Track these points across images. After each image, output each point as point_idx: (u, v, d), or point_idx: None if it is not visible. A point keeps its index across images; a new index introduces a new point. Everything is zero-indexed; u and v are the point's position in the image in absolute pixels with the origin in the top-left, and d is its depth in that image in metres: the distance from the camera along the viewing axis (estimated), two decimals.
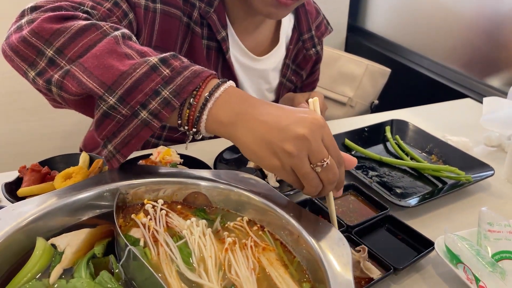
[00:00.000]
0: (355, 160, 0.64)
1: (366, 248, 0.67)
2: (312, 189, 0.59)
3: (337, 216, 0.75)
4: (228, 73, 1.00)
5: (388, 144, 1.09)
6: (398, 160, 0.99)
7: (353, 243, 0.71)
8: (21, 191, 0.73)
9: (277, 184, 0.88)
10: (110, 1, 0.78)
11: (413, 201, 0.86)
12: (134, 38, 0.68)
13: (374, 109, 1.88)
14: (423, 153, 1.06)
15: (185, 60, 0.63)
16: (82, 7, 0.72)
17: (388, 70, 1.86)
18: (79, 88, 0.60)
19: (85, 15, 0.69)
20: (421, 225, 0.79)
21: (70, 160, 0.82)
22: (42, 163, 0.80)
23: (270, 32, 1.08)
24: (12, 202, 0.70)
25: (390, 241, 0.75)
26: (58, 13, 0.66)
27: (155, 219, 0.62)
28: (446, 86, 1.68)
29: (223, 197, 0.66)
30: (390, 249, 0.73)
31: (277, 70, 1.11)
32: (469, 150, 1.05)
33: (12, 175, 0.78)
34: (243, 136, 0.59)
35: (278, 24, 1.08)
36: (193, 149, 0.96)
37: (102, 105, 0.59)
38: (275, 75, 1.11)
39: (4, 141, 1.60)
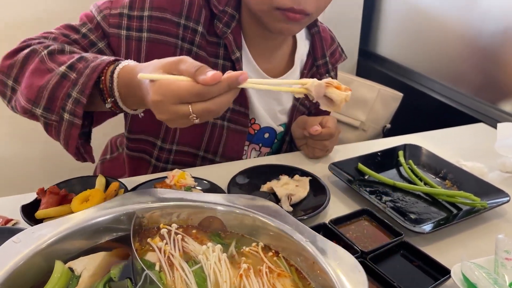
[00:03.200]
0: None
1: None
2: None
3: (351, 242, 0.75)
4: (240, 94, 1.01)
5: (401, 168, 1.08)
6: (412, 185, 0.98)
7: (368, 270, 0.70)
8: (38, 213, 0.74)
9: (291, 209, 0.88)
10: (78, 33, 0.90)
11: (427, 227, 0.85)
12: (67, 49, 0.80)
13: (386, 133, 1.88)
14: (436, 178, 1.05)
15: (90, 58, 0.74)
16: (45, 39, 0.85)
17: (400, 95, 1.86)
18: (20, 108, 0.76)
19: (38, 41, 0.83)
20: (436, 251, 0.79)
21: (87, 182, 0.83)
22: (60, 185, 0.81)
23: (286, 56, 1.09)
24: (30, 224, 0.71)
25: (405, 268, 0.74)
26: (12, 49, 0.82)
27: (171, 243, 0.62)
28: (458, 111, 1.68)
29: (238, 222, 0.66)
30: (406, 276, 0.72)
31: (291, 94, 1.12)
32: (484, 175, 1.05)
33: (30, 197, 0.80)
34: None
35: (294, 48, 1.10)
36: (207, 173, 0.97)
37: (38, 117, 0.75)
38: (288, 98, 1.12)
39: (21, 161, 1.63)
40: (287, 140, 1.17)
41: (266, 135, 1.13)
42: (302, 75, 1.11)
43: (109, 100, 0.72)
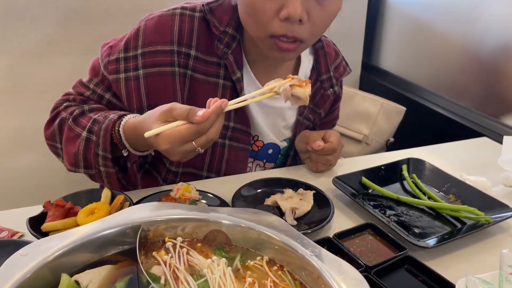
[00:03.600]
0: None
1: None
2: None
3: (355, 256, 0.75)
4: (240, 112, 1.03)
5: (405, 182, 1.09)
6: (416, 200, 0.99)
7: (373, 284, 0.70)
8: (45, 226, 0.74)
9: (295, 222, 0.88)
10: (89, 90, 1.00)
11: (432, 241, 0.85)
12: (86, 109, 0.96)
13: (389, 146, 1.89)
14: (440, 193, 1.05)
15: (101, 119, 0.89)
16: (68, 101, 1.00)
17: (403, 108, 1.87)
18: (67, 168, 0.94)
19: (64, 106, 0.98)
20: (440, 266, 0.79)
21: (92, 195, 0.84)
22: (66, 198, 0.82)
23: (289, 72, 1.10)
24: (36, 237, 0.71)
25: (410, 282, 0.74)
26: (47, 119, 1.01)
27: (176, 256, 0.62)
28: (462, 125, 1.69)
29: (243, 236, 0.67)
30: None
31: (294, 108, 1.13)
32: (487, 190, 1.05)
33: (36, 210, 0.80)
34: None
35: (297, 64, 1.11)
36: (211, 186, 0.97)
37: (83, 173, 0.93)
38: (292, 113, 1.13)
39: (27, 174, 1.63)
40: (291, 155, 1.18)
41: (270, 151, 1.14)
42: None
43: (123, 150, 0.87)
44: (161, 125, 0.73)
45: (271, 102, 1.07)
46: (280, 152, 1.15)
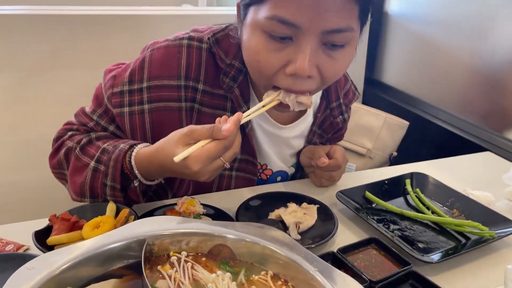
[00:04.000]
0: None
1: None
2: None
3: (359, 271, 0.75)
4: (247, 143, 1.01)
5: (408, 197, 1.09)
6: (420, 214, 0.99)
7: None
8: (50, 240, 0.75)
9: (299, 237, 0.88)
10: (92, 121, 0.98)
11: (436, 256, 0.85)
12: (93, 137, 0.94)
13: (393, 161, 1.89)
14: (444, 207, 1.05)
15: (110, 149, 0.87)
16: (72, 131, 0.99)
17: (406, 123, 1.88)
18: (72, 198, 0.93)
19: (68, 135, 0.97)
20: (445, 281, 0.78)
21: (98, 209, 0.84)
22: (72, 211, 0.82)
23: None
24: (42, 251, 0.72)
25: None
26: (52, 150, 0.99)
27: (181, 271, 0.63)
28: (465, 139, 1.69)
29: (247, 250, 0.67)
30: None
31: (303, 136, 1.12)
32: (491, 205, 1.05)
33: (42, 223, 0.81)
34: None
35: None
36: (215, 200, 0.98)
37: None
38: (300, 141, 1.12)
39: (33, 187, 1.64)
40: (297, 177, 1.18)
41: (279, 178, 1.14)
42: (316, 118, 1.11)
43: (134, 181, 0.86)
44: (184, 148, 0.74)
45: (278, 131, 1.06)
46: (288, 178, 1.16)
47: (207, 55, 0.95)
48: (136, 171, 0.84)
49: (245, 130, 1.00)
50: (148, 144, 0.87)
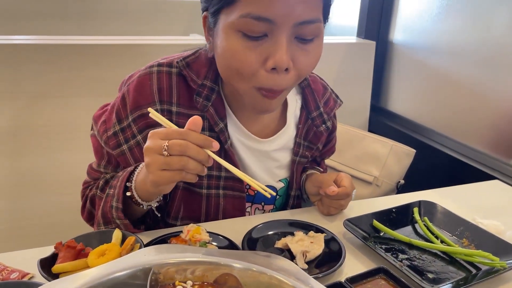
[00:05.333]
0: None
1: None
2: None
3: None
4: (229, 160, 1.00)
5: (417, 226, 1.07)
6: (429, 243, 0.97)
7: None
8: (55, 268, 0.74)
9: (306, 266, 0.87)
10: (101, 173, 1.05)
11: (446, 287, 0.83)
12: (108, 177, 1.01)
13: (400, 188, 1.88)
14: (453, 236, 1.04)
15: (120, 173, 0.95)
16: (90, 186, 1.07)
17: (413, 151, 1.87)
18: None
19: (89, 189, 1.06)
20: None
21: (103, 236, 0.84)
22: (77, 239, 0.82)
23: (277, 114, 1.10)
24: (47, 279, 0.71)
25: None
26: (81, 206, 1.08)
27: None
28: (473, 167, 1.68)
29: (254, 280, 0.66)
30: None
31: (287, 149, 1.12)
32: (501, 234, 1.03)
33: (48, 250, 0.81)
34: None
35: (285, 106, 1.10)
36: (222, 228, 0.97)
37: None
38: (284, 154, 1.12)
39: (38, 214, 1.64)
40: (292, 195, 1.15)
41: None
42: (298, 130, 1.12)
43: (145, 205, 0.90)
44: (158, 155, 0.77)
45: (258, 145, 1.06)
46: (277, 193, 1.14)
47: (177, 78, 0.98)
48: (133, 186, 0.88)
49: (224, 146, 1.00)
50: None
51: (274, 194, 0.82)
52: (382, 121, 2.22)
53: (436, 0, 1.87)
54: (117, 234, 0.83)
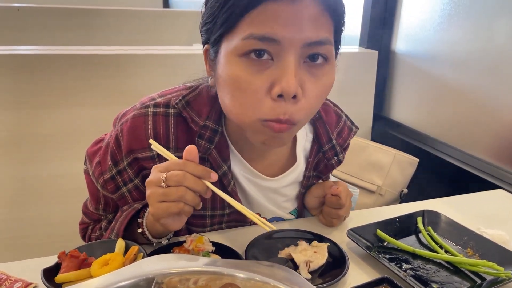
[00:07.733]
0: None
1: None
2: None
3: None
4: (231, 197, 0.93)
5: (420, 235, 1.07)
6: (433, 253, 0.97)
7: None
8: (58, 278, 0.74)
9: (309, 276, 0.87)
10: (101, 215, 1.03)
11: None
12: (110, 217, 1.02)
13: (403, 198, 1.87)
14: (457, 246, 1.03)
15: (126, 208, 0.94)
16: (90, 226, 1.06)
17: (416, 160, 1.87)
18: None
19: (91, 230, 1.05)
20: None
21: (107, 246, 0.84)
22: (81, 248, 0.82)
23: (286, 150, 1.03)
24: None
25: None
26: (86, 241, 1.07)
27: None
28: (476, 176, 1.67)
29: None
30: None
31: (296, 183, 1.08)
32: (506, 243, 1.02)
33: (51, 260, 0.81)
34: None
35: (294, 141, 1.04)
36: (225, 237, 0.97)
37: None
38: (293, 188, 1.08)
39: (42, 223, 1.64)
40: None
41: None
42: (308, 164, 1.06)
43: (155, 241, 0.92)
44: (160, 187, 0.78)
45: (266, 183, 1.02)
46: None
47: (175, 120, 0.91)
48: (145, 222, 0.89)
49: (227, 189, 0.95)
50: None
51: (274, 228, 0.77)
52: (385, 130, 2.22)
53: (438, 10, 1.88)
54: (120, 243, 0.83)
